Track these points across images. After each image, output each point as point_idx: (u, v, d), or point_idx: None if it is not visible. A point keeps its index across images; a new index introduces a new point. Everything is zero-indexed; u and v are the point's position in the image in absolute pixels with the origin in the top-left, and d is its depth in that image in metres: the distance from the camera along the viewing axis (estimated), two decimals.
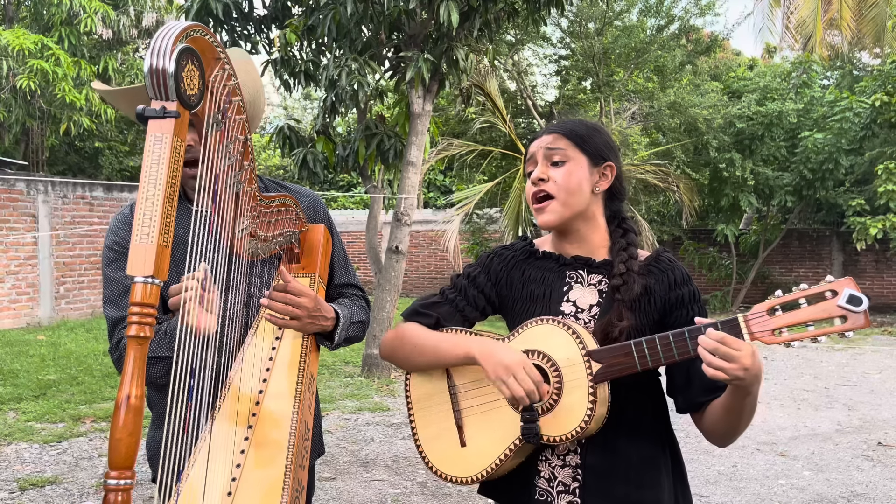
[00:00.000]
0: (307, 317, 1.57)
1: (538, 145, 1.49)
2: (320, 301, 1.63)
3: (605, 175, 1.49)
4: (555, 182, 1.45)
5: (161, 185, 1.05)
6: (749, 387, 1.29)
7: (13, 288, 10.31)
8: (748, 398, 1.32)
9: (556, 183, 1.45)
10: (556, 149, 1.47)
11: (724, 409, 1.37)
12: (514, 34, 12.02)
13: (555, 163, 1.47)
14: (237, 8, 6.87)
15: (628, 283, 1.42)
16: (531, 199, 1.49)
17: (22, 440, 5.14)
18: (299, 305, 1.55)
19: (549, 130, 1.50)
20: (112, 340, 1.64)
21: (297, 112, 24.16)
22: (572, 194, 1.45)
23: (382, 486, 4.34)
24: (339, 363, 8.13)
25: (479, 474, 1.44)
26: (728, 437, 1.43)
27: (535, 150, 1.49)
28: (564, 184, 1.45)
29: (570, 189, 1.45)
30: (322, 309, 1.62)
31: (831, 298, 1.24)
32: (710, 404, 1.41)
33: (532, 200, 1.49)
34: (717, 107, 12.17)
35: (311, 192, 1.86)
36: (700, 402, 1.42)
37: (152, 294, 1.05)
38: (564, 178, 1.45)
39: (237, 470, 1.44)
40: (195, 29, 1.13)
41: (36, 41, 11.34)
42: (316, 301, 1.59)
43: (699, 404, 1.43)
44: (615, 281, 1.43)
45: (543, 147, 1.48)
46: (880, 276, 14.19)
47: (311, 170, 7.27)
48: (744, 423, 1.38)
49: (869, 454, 4.94)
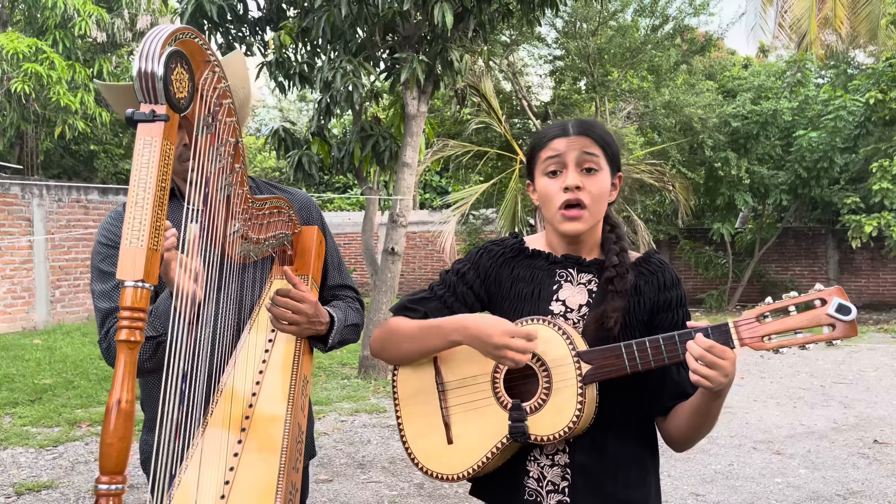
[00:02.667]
0: (306, 322, 1.58)
1: (569, 146, 1.42)
2: (319, 307, 1.63)
3: (616, 185, 1.50)
4: (589, 193, 1.41)
5: (151, 189, 1.05)
6: (722, 393, 1.31)
7: (9, 292, 10.29)
8: (716, 402, 1.34)
9: (591, 193, 1.41)
10: (592, 155, 1.42)
11: (691, 412, 1.39)
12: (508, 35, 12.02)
13: (587, 169, 1.42)
14: (232, 10, 6.86)
15: (622, 274, 1.43)
16: (557, 203, 1.42)
17: (18, 445, 5.12)
18: (300, 312, 1.56)
19: (580, 132, 1.43)
20: (102, 330, 1.63)
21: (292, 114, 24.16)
22: (600, 204, 1.44)
23: (379, 487, 4.34)
24: (335, 365, 8.13)
25: (465, 472, 1.44)
26: (690, 441, 1.44)
27: (565, 151, 1.42)
28: (598, 193, 1.42)
29: (600, 200, 1.43)
30: (319, 314, 1.62)
31: (820, 307, 1.25)
32: (675, 407, 1.43)
33: (560, 205, 1.42)
34: (712, 106, 12.19)
35: (303, 194, 1.86)
36: (667, 407, 1.44)
37: (143, 298, 1.04)
38: (598, 189, 1.42)
39: (230, 473, 1.43)
40: (184, 32, 1.13)
41: (30, 45, 11.32)
42: (316, 307, 1.60)
43: (667, 408, 1.44)
44: (608, 273, 1.44)
45: (578, 150, 1.42)
46: (875, 273, 14.21)
47: (307, 172, 7.27)
48: (707, 427, 1.40)
49: (865, 452, 4.95)
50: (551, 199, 1.44)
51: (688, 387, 1.37)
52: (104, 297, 1.63)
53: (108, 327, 1.61)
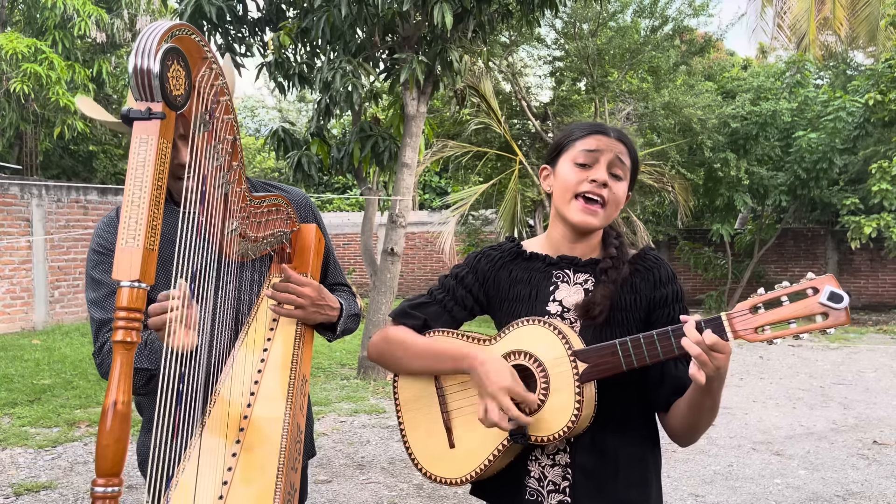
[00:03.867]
0: (311, 305, 1.60)
1: (608, 146, 1.46)
2: (324, 291, 1.65)
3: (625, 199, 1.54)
4: (613, 193, 1.45)
5: (147, 188, 1.04)
6: (713, 389, 1.32)
7: (8, 292, 10.27)
8: (709, 397, 1.34)
9: (614, 195, 1.46)
10: (624, 163, 1.47)
11: (686, 407, 1.39)
12: (508, 35, 12.00)
13: (615, 175, 1.46)
14: (231, 11, 6.85)
15: (617, 266, 1.46)
16: (578, 191, 1.45)
17: (17, 445, 5.11)
18: (302, 295, 1.59)
19: (619, 137, 1.48)
20: (96, 344, 1.62)
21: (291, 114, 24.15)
22: (616, 210, 1.49)
23: (378, 488, 4.33)
24: (334, 365, 8.11)
25: (468, 475, 1.44)
26: (692, 435, 1.44)
27: (603, 150, 1.45)
28: (618, 199, 1.47)
29: (617, 205, 1.48)
30: (326, 299, 1.64)
31: (813, 296, 1.24)
32: (675, 403, 1.43)
33: (579, 196, 1.45)
34: (712, 107, 12.17)
35: (300, 192, 1.86)
36: (668, 402, 1.44)
37: (139, 298, 1.04)
38: (620, 194, 1.47)
39: (228, 473, 1.43)
40: (181, 28, 1.12)
41: (30, 45, 11.31)
42: (319, 291, 1.62)
43: (668, 404, 1.44)
44: (604, 264, 1.47)
45: (614, 153, 1.46)
46: (875, 274, 14.21)
47: (306, 172, 7.26)
48: (706, 421, 1.40)
49: (864, 453, 4.95)
50: (572, 187, 1.46)
51: (686, 381, 1.37)
52: (97, 306, 1.62)
53: (101, 342, 1.60)
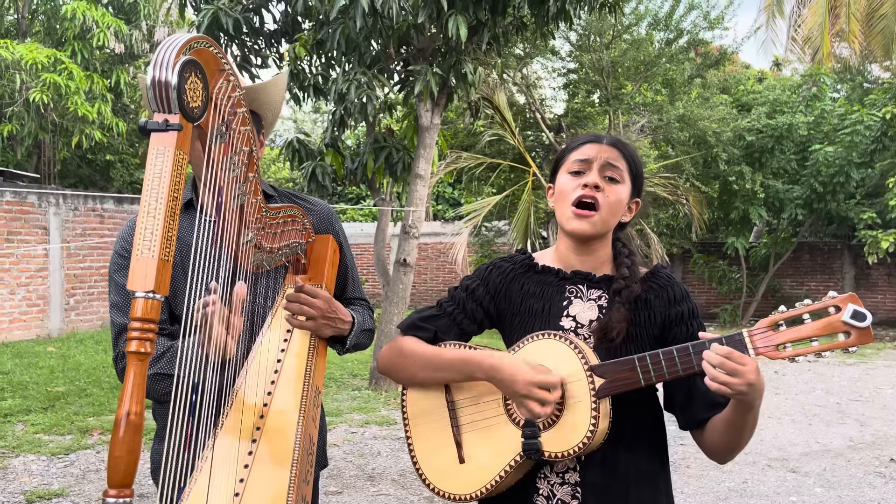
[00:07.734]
0: (321, 317, 1.60)
1: (598, 153, 1.45)
2: (335, 303, 1.64)
3: (631, 209, 1.51)
4: (606, 197, 1.43)
5: (163, 199, 1.04)
6: (752, 402, 1.29)
7: (24, 300, 10.36)
8: (750, 413, 1.32)
9: (608, 199, 1.43)
10: (617, 167, 1.45)
11: (725, 424, 1.37)
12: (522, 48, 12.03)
13: (610, 178, 1.45)
14: (248, 23, 6.91)
15: (630, 286, 1.43)
16: (572, 199, 1.44)
17: (30, 452, 5.14)
18: (313, 306, 1.59)
19: (611, 143, 1.48)
20: (116, 349, 1.64)
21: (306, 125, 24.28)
22: (613, 214, 1.45)
23: (389, 500, 4.31)
24: (346, 376, 8.11)
25: (477, 491, 1.41)
26: (729, 454, 1.42)
27: (594, 157, 1.45)
28: (614, 202, 1.44)
29: (614, 209, 1.45)
30: (338, 311, 1.64)
31: (835, 314, 1.23)
32: (711, 420, 1.40)
33: (574, 202, 1.44)
34: (727, 120, 12.13)
35: (324, 204, 1.86)
36: (702, 419, 1.41)
37: (153, 309, 1.04)
38: (615, 197, 1.44)
39: (240, 485, 1.42)
40: (199, 41, 1.13)
41: (49, 55, 11.47)
42: (330, 303, 1.62)
43: (701, 421, 1.42)
44: (617, 284, 1.44)
45: (605, 159, 1.45)
46: (892, 289, 14.06)
47: (320, 182, 7.30)
48: (745, 438, 1.38)
49: (881, 470, 4.87)
50: (567, 196, 1.45)
51: (717, 396, 1.34)
52: (118, 310, 1.64)
53: (120, 349, 1.62)
